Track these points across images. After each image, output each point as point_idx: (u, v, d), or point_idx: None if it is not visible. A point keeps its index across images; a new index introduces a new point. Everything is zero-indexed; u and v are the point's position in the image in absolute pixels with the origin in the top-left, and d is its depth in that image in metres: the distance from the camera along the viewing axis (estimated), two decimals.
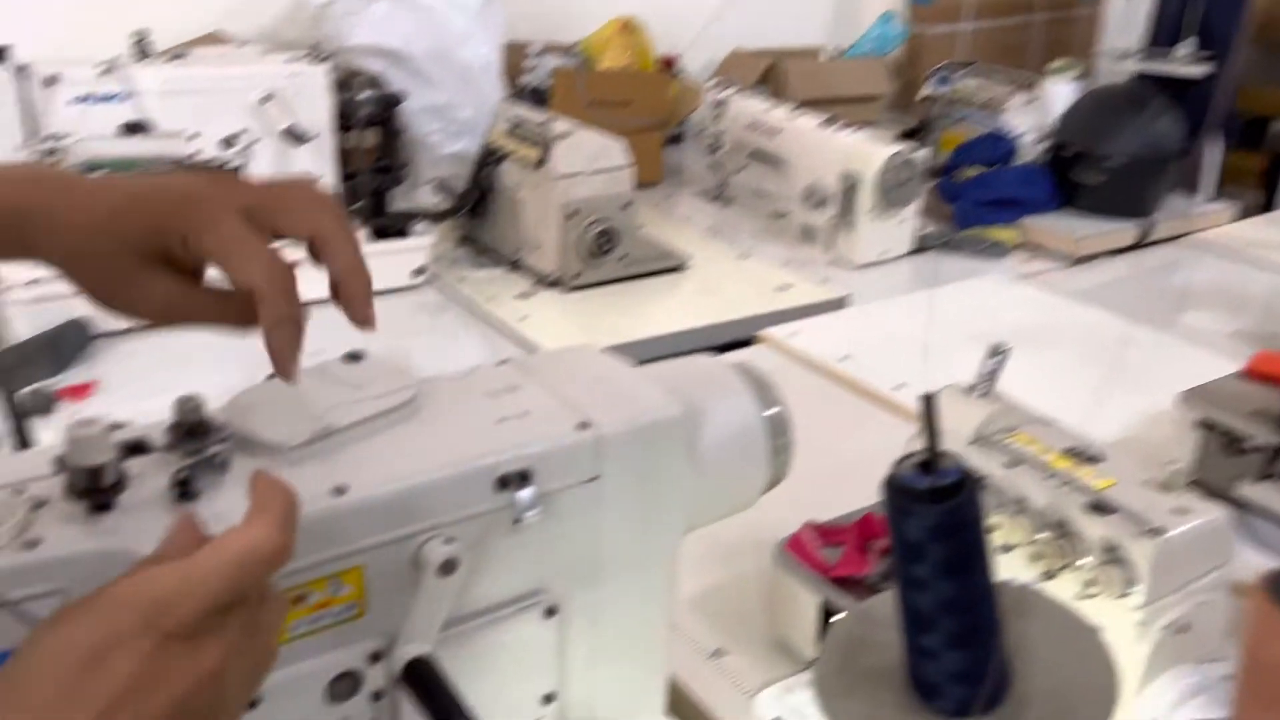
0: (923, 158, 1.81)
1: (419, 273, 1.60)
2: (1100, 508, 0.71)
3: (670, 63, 2.41)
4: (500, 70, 1.93)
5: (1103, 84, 2.18)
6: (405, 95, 1.68)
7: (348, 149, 1.58)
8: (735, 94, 2.04)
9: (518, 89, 2.13)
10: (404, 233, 1.61)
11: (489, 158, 1.68)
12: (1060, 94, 2.11)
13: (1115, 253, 1.93)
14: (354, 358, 0.66)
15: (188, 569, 0.42)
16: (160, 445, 0.56)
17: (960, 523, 0.47)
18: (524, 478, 0.60)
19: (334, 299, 0.58)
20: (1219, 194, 2.13)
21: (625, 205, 1.63)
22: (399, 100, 1.65)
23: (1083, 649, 0.57)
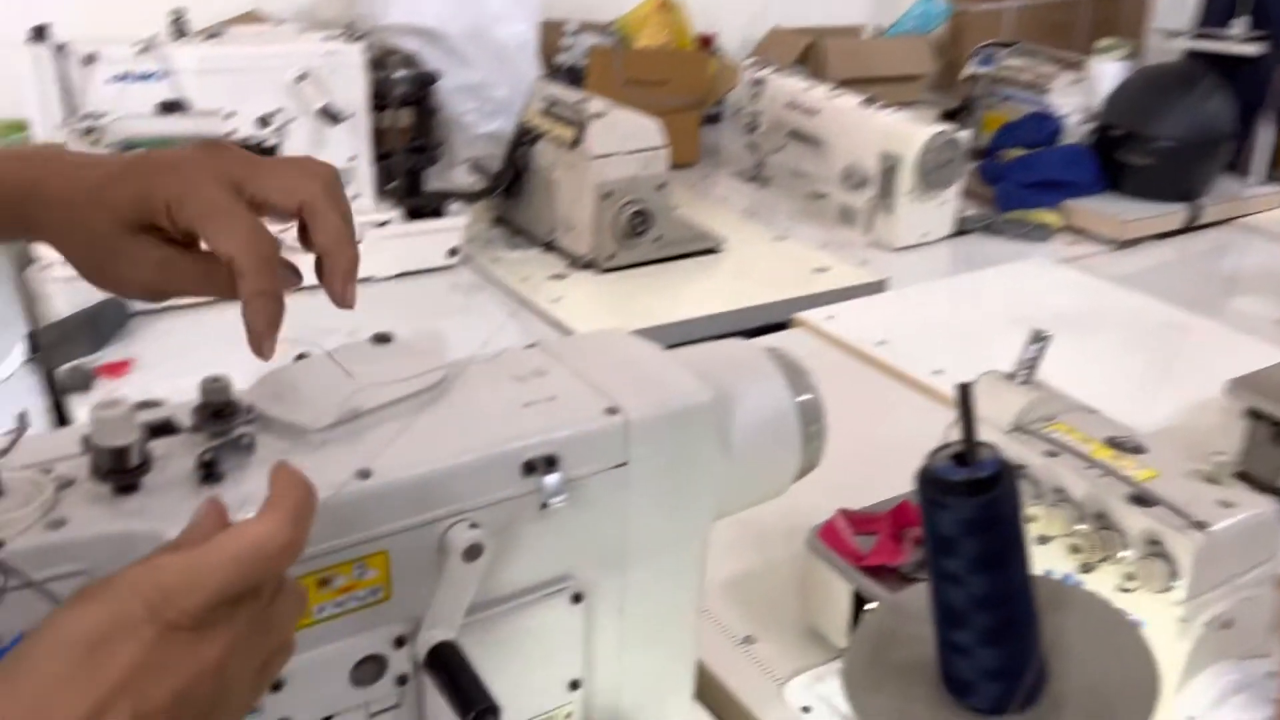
0: (965, 138, 1.78)
1: (453, 253, 1.60)
2: (1142, 500, 0.70)
3: (708, 41, 2.38)
4: (536, 49, 1.92)
5: (1152, 63, 2.14)
6: (440, 74, 1.68)
7: (382, 128, 1.57)
8: (774, 73, 2.02)
9: (553, 68, 2.12)
10: (439, 213, 1.61)
11: (524, 137, 1.67)
12: (1108, 73, 2.06)
13: (1162, 236, 1.89)
14: (382, 339, 0.65)
15: (196, 560, 0.42)
16: (187, 426, 0.56)
17: (996, 517, 0.46)
18: (551, 463, 0.59)
19: (317, 275, 0.56)
20: (1270, 177, 2.08)
21: (660, 186, 1.61)
22: (434, 79, 1.64)
23: (1122, 645, 0.55)
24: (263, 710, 0.55)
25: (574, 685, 0.67)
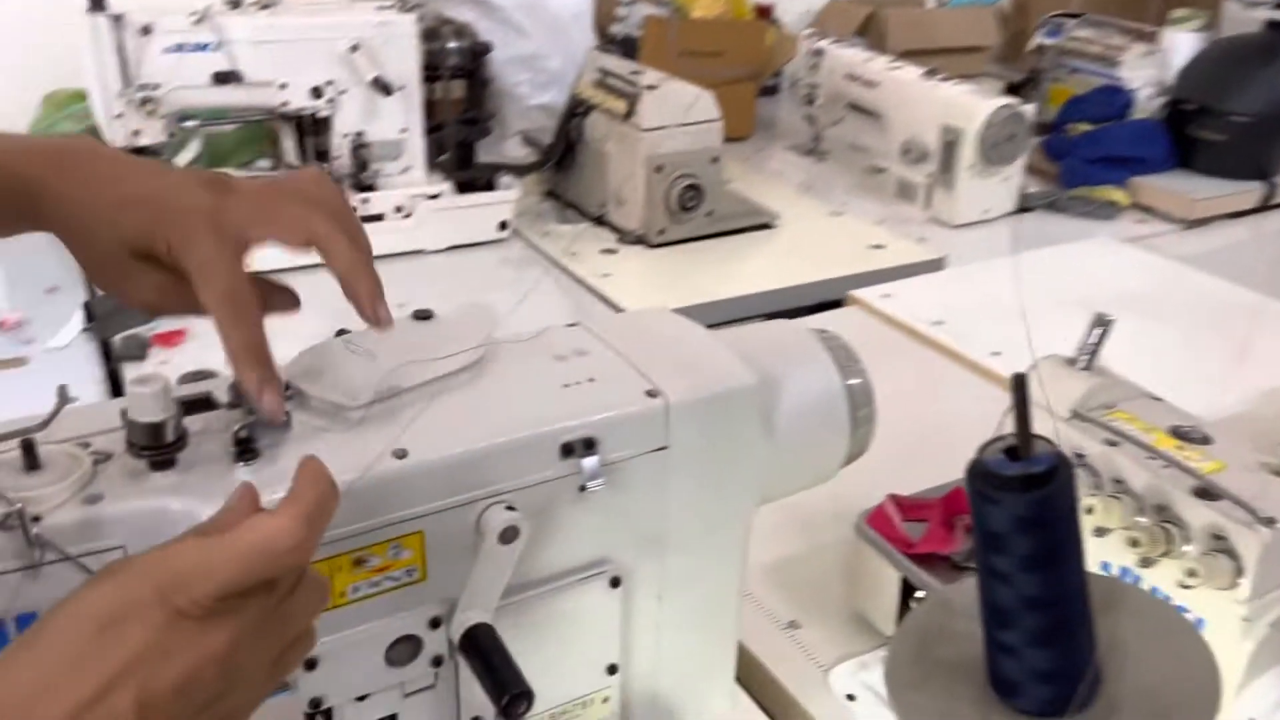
0: (1029, 112, 1.73)
1: (503, 227, 1.59)
2: (1206, 493, 0.67)
3: (766, 11, 2.34)
4: (591, 19, 1.90)
5: (1229, 34, 2.06)
6: (493, 45, 1.66)
7: (434, 100, 1.57)
8: (833, 44, 1.98)
9: (608, 38, 2.10)
10: (489, 186, 1.60)
11: (576, 110, 1.65)
12: (1181, 45, 2.00)
13: (1234, 216, 1.83)
14: (423, 316, 0.65)
15: (209, 550, 0.42)
16: (224, 402, 0.56)
17: (1049, 515, 0.44)
18: (589, 445, 0.58)
19: (347, 298, 0.57)
20: None
21: (713, 160, 1.59)
22: (487, 50, 1.63)
23: (1181, 647, 0.53)
24: (297, 688, 0.55)
25: (611, 670, 0.66)
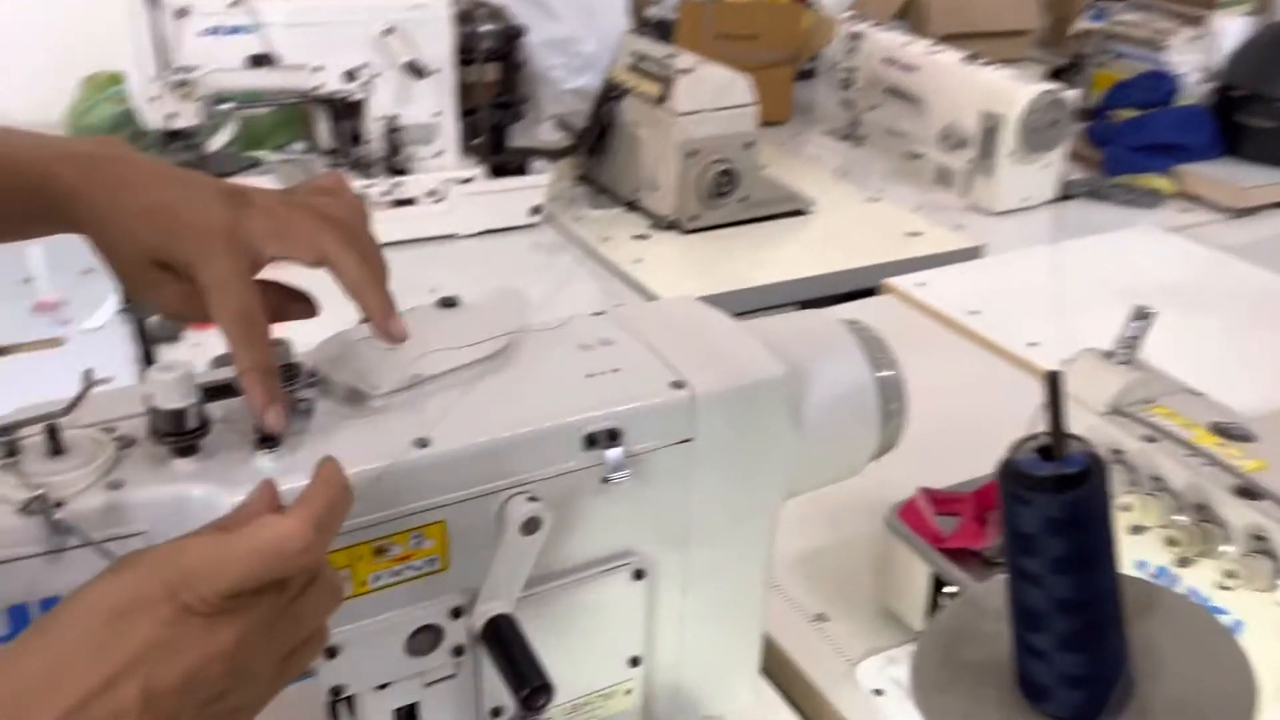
0: (1072, 98, 1.69)
1: (535, 211, 1.59)
2: (1248, 492, 0.65)
3: None
4: (626, 2, 1.89)
5: None
6: (527, 28, 1.65)
7: (468, 83, 1.56)
8: (872, 27, 1.95)
9: (643, 21, 2.08)
10: (522, 170, 1.59)
11: (610, 93, 1.64)
12: (1231, 29, 1.95)
13: None
14: (449, 303, 0.64)
15: (219, 548, 0.42)
16: None
17: (1082, 517, 0.43)
18: (613, 436, 0.57)
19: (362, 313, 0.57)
20: None
21: (748, 144, 1.57)
22: (521, 33, 1.62)
23: (1217, 653, 0.51)
24: (318, 675, 0.55)
25: (634, 662, 0.66)
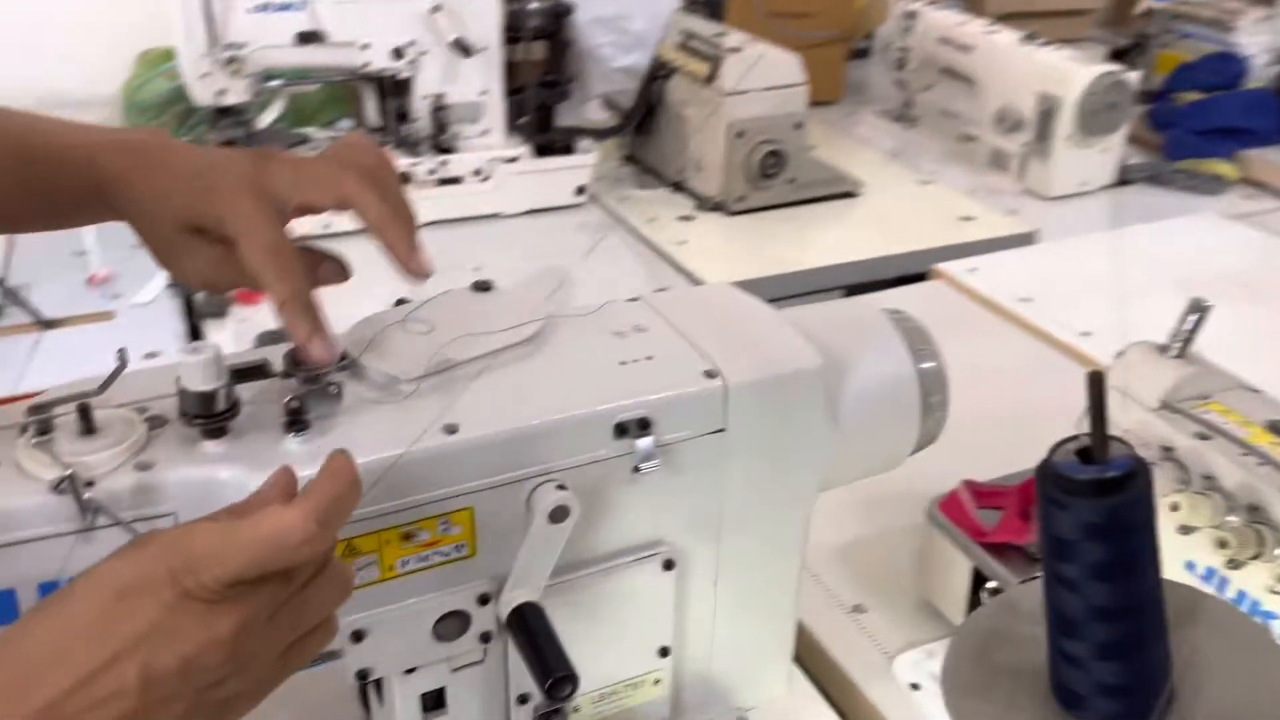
0: (1133, 80, 1.65)
1: (580, 191, 1.58)
2: None
3: None
4: None
5: None
6: (575, 6, 1.64)
7: (515, 61, 1.56)
8: (927, 5, 1.91)
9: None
10: (568, 149, 1.58)
11: (658, 72, 1.62)
12: None
13: None
14: (482, 287, 0.64)
15: (224, 535, 0.42)
16: (277, 371, 0.55)
17: (1122, 523, 0.41)
18: (644, 426, 0.57)
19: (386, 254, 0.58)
20: None
21: (796, 125, 1.54)
22: (569, 11, 1.62)
23: (1263, 665, 0.49)
24: (344, 657, 0.55)
25: (664, 652, 0.65)
